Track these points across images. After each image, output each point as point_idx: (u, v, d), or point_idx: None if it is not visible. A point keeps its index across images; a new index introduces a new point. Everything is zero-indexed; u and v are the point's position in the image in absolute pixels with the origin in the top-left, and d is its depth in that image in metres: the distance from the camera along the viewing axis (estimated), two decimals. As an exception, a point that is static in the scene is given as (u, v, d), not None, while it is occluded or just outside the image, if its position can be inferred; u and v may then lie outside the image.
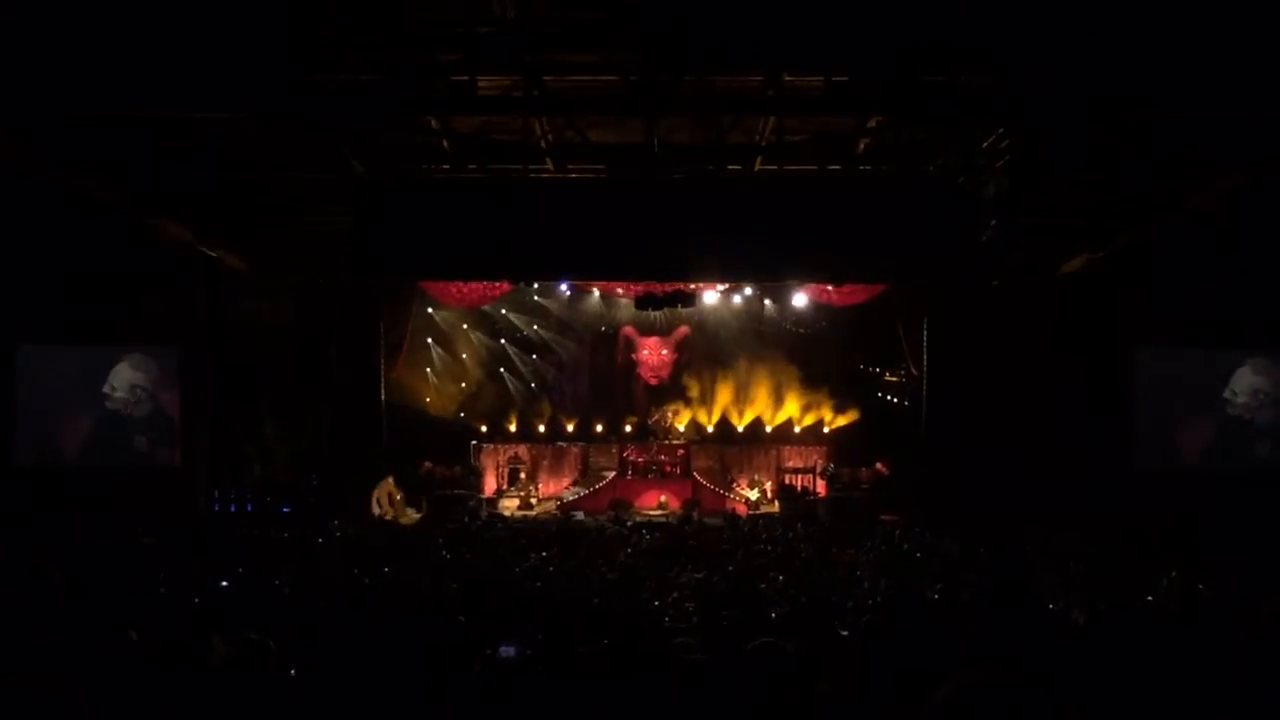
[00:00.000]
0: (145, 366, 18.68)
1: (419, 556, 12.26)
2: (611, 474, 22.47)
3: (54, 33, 9.86)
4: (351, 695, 4.67)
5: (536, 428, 23.19)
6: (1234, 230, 15.44)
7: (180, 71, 10.53)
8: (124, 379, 18.59)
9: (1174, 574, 9.75)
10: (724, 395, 22.93)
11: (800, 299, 20.83)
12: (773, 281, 17.69)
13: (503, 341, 22.93)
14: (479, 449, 22.74)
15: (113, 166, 13.83)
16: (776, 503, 21.43)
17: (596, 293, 22.12)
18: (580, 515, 19.83)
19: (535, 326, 22.87)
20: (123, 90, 10.78)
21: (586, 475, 22.90)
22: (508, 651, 5.02)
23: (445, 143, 13.76)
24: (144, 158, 13.56)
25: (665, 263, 14.34)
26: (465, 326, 22.33)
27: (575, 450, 23.21)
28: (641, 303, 21.35)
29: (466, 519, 18.26)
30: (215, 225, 17.11)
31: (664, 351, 23.24)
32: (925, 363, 19.77)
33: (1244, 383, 18.68)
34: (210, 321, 18.91)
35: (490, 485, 22.50)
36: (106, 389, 18.53)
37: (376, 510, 19.63)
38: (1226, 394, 18.71)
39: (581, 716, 4.62)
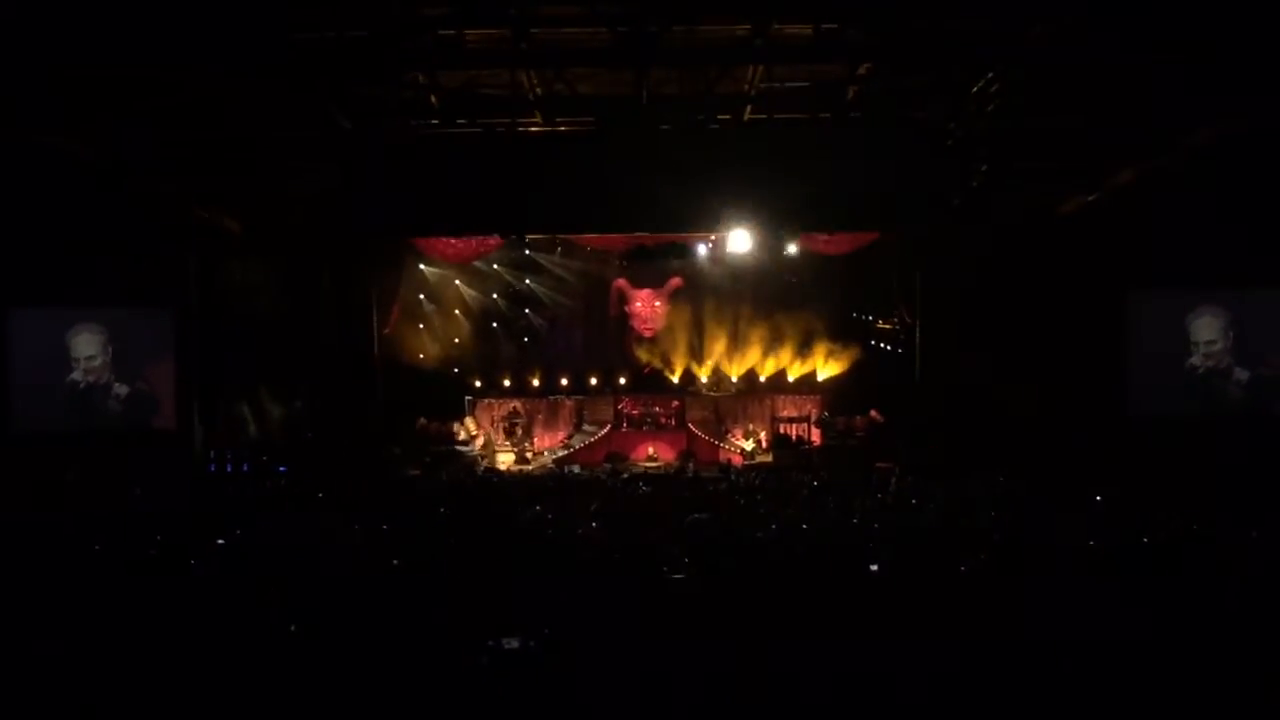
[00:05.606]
0: (134, 331, 18.72)
1: (419, 512, 12.29)
2: (607, 427, 22.56)
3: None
4: (354, 658, 4.72)
5: (530, 382, 23.19)
6: (1231, 172, 15.39)
7: (165, 28, 10.45)
8: (98, 344, 18.61)
9: (1177, 521, 9.80)
10: (717, 346, 22.90)
11: (792, 247, 20.73)
12: (763, 231, 17.62)
13: (495, 296, 22.83)
14: (474, 404, 22.78)
15: (102, 128, 13.73)
16: (771, 452, 21.51)
17: (588, 246, 22.00)
18: (576, 468, 19.88)
19: (527, 280, 22.78)
20: (108, 48, 10.71)
21: (582, 428, 22.96)
22: (511, 644, 5.10)
23: (433, 97, 13.68)
24: (133, 119, 13.46)
25: (656, 214, 14.33)
26: (458, 282, 22.23)
27: (570, 403, 23.22)
28: (633, 255, 21.31)
29: (463, 474, 18.30)
30: (206, 187, 17.01)
31: (657, 303, 23.17)
32: (919, 309, 19.75)
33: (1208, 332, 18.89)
34: (202, 282, 18.85)
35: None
36: (96, 354, 18.52)
37: (475, 438, 21.64)
38: (1195, 346, 18.92)
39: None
